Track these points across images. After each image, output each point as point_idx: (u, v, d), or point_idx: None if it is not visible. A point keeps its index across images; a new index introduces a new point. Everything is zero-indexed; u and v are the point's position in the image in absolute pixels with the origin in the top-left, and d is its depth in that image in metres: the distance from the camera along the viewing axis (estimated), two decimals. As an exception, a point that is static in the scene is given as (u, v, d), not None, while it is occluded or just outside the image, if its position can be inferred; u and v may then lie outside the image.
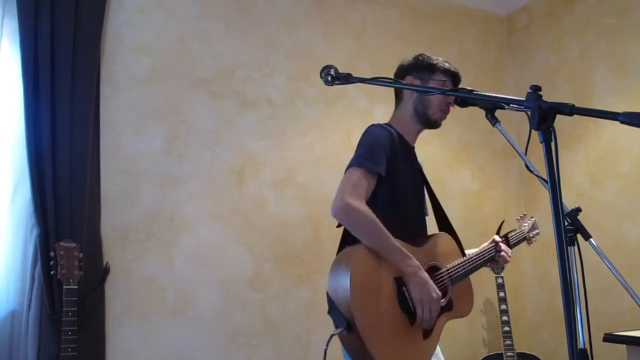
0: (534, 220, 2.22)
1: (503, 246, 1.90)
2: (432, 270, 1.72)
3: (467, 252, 1.88)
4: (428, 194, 1.91)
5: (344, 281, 1.48)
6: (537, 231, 2.21)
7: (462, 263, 1.78)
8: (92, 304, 2.29)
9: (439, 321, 1.67)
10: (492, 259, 1.90)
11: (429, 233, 1.86)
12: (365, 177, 1.62)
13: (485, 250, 1.88)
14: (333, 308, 1.51)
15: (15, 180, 2.29)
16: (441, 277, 1.72)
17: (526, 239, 2.14)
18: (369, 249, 1.57)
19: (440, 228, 1.90)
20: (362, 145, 1.70)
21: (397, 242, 1.59)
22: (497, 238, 1.94)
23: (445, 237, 1.85)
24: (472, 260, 1.82)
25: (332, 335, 1.48)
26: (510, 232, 2.04)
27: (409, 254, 1.59)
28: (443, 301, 1.69)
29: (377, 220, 1.58)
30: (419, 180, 1.89)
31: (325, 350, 1.46)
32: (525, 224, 2.18)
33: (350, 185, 1.60)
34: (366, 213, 1.58)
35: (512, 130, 3.69)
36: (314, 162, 3.03)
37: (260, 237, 2.81)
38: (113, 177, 2.51)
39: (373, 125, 1.77)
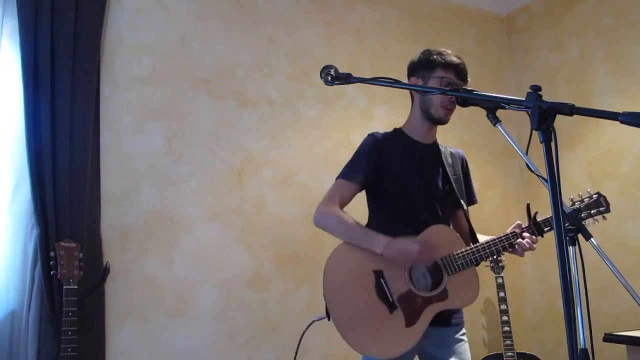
0: (597, 196, 1.83)
1: (525, 234, 1.75)
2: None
3: (481, 239, 1.82)
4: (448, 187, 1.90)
5: (323, 275, 1.73)
6: (603, 207, 1.80)
7: (461, 253, 1.75)
8: (92, 304, 2.29)
9: (426, 310, 1.70)
10: (512, 247, 1.75)
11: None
12: (342, 186, 1.83)
13: (499, 238, 1.76)
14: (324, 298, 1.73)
15: (15, 180, 2.29)
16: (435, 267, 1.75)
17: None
18: (348, 246, 1.75)
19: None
20: (351, 157, 1.90)
21: (364, 230, 1.77)
22: (518, 223, 1.79)
23: (442, 228, 1.81)
24: (476, 250, 1.75)
25: (312, 322, 1.73)
26: (536, 214, 1.78)
27: (377, 233, 1.72)
28: (433, 291, 1.72)
29: (343, 216, 1.78)
30: (434, 175, 1.88)
31: (303, 333, 1.62)
32: (577, 203, 1.83)
33: (327, 197, 1.83)
34: (332, 213, 1.79)
35: (513, 130, 3.69)
36: (314, 162, 3.03)
37: (260, 237, 2.81)
38: (113, 177, 2.51)
39: (368, 135, 1.92)
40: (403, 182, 1.82)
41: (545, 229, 1.77)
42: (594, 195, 1.83)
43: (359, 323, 1.67)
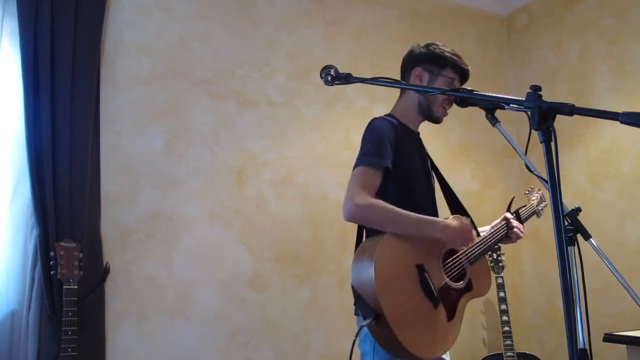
0: (541, 192, 2.21)
1: (514, 222, 1.90)
2: (450, 254, 1.74)
3: (480, 229, 1.88)
4: (437, 177, 1.93)
5: (369, 272, 1.50)
6: (545, 203, 2.20)
7: (477, 244, 1.79)
8: (92, 304, 2.29)
9: (460, 303, 1.69)
10: (506, 236, 1.89)
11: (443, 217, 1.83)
12: (371, 173, 1.65)
13: (497, 228, 1.88)
14: (359, 299, 1.52)
15: (15, 180, 2.29)
16: (459, 259, 1.74)
17: (535, 212, 2.13)
18: (390, 239, 1.58)
19: (453, 211, 1.88)
20: (366, 142, 1.72)
21: (420, 215, 1.63)
22: (508, 215, 1.93)
23: (460, 217, 1.79)
24: (486, 240, 1.82)
25: (361, 327, 1.51)
26: (521, 207, 2.03)
27: (432, 218, 1.67)
28: (462, 283, 1.72)
29: (389, 206, 1.60)
30: (427, 165, 1.90)
31: (354, 341, 1.47)
32: (533, 197, 2.17)
33: (356, 186, 1.63)
34: (377, 205, 1.60)
35: (512, 130, 3.69)
36: (314, 162, 3.03)
37: (260, 237, 2.81)
38: (113, 177, 2.51)
39: (375, 119, 1.78)
40: (412, 171, 1.78)
41: (523, 219, 2.01)
42: (538, 193, 2.20)
43: (411, 321, 1.53)
